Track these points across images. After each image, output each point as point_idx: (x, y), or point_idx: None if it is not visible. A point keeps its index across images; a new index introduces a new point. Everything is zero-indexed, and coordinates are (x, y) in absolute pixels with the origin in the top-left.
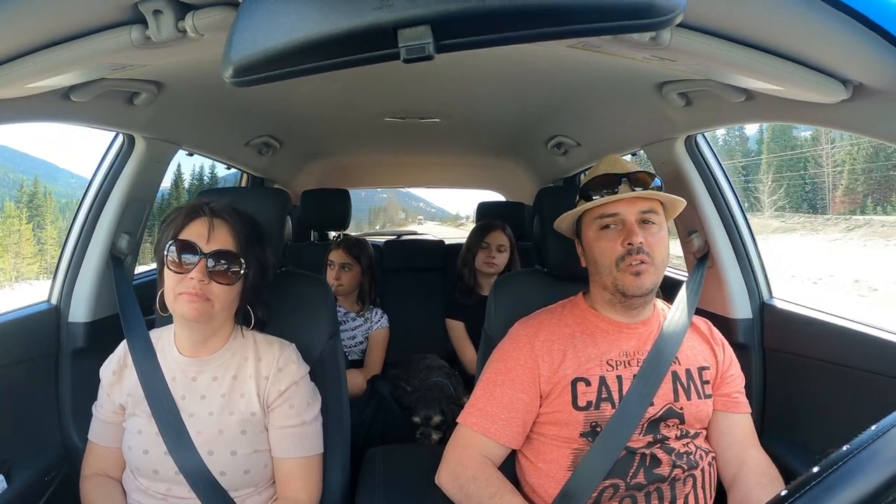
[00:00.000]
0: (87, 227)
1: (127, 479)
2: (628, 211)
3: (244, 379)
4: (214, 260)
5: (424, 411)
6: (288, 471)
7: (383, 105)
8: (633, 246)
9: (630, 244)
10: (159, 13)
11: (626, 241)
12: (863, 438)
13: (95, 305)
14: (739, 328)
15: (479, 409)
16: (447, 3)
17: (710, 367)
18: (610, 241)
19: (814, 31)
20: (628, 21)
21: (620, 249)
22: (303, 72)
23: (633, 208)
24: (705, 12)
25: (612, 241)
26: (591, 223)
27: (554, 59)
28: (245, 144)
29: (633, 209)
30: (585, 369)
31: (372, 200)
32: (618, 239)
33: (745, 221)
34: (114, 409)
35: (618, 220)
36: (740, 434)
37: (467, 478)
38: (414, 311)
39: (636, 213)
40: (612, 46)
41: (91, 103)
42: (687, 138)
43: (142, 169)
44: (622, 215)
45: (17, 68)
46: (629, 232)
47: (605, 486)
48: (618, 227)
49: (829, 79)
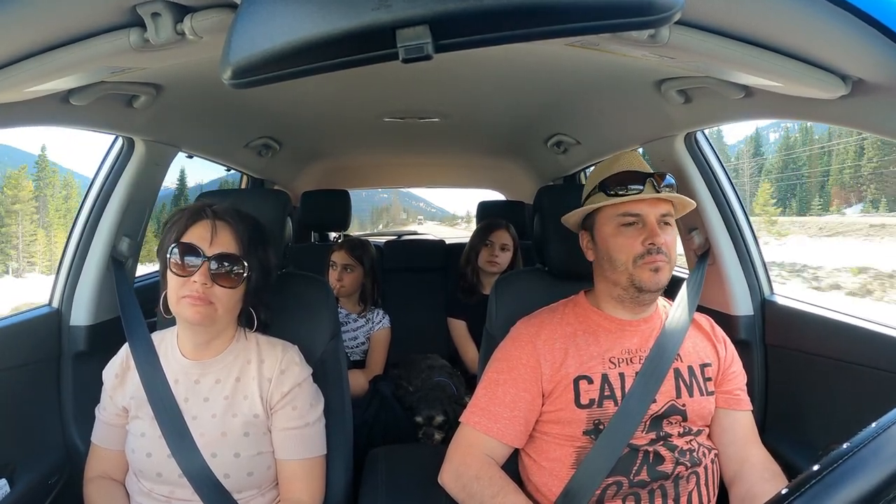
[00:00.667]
0: (87, 230)
1: (130, 481)
2: (651, 211)
3: (247, 381)
4: (217, 263)
5: (427, 411)
6: (291, 472)
7: (383, 105)
8: (654, 246)
9: (652, 244)
10: (157, 16)
11: (648, 241)
12: (864, 435)
13: (96, 309)
14: (741, 325)
15: (482, 408)
16: (446, 3)
17: (712, 364)
18: (630, 238)
19: (813, 27)
20: (627, 19)
21: (640, 248)
22: (302, 73)
23: (656, 209)
24: (704, 9)
25: (633, 239)
26: (611, 219)
27: (552, 58)
28: (245, 146)
29: (656, 210)
30: (588, 367)
31: (374, 201)
32: (638, 237)
33: (745, 218)
34: (116, 411)
35: (640, 219)
36: (742, 431)
37: (470, 477)
38: (415, 311)
39: (658, 213)
40: (610, 44)
41: (90, 107)
42: (687, 135)
43: (142, 171)
44: (645, 215)
45: (16, 72)
46: (651, 233)
47: (609, 483)
48: (639, 225)
49: (829, 74)
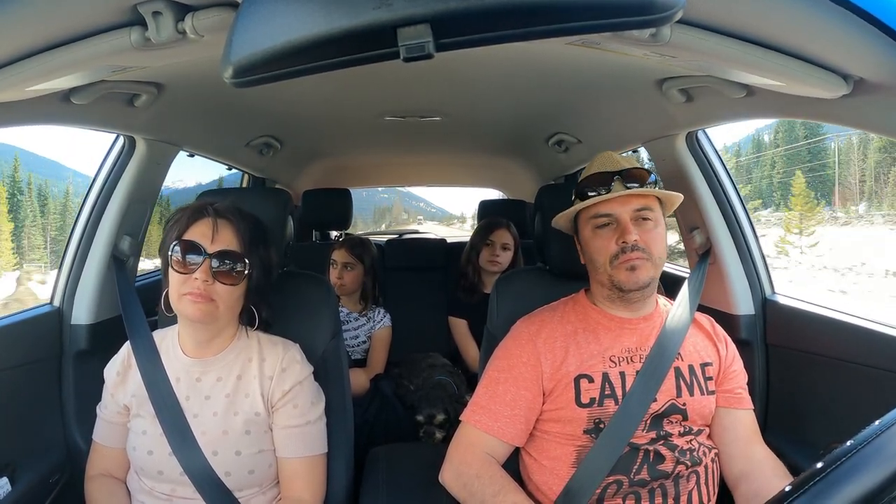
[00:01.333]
0: (88, 229)
1: (131, 479)
2: (622, 209)
3: (248, 379)
4: (219, 260)
5: (428, 410)
6: (292, 470)
7: (384, 104)
8: (626, 244)
9: (624, 242)
10: (159, 14)
11: (621, 240)
12: (866, 434)
13: (98, 307)
14: (742, 324)
15: (482, 406)
16: (447, 2)
17: (712, 364)
18: (605, 239)
19: (814, 27)
20: (628, 18)
21: (614, 248)
22: (303, 72)
23: (627, 206)
24: (705, 8)
25: (607, 240)
26: (587, 222)
27: (554, 57)
28: (246, 145)
29: (627, 207)
30: (588, 366)
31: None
32: (612, 237)
33: (746, 217)
34: (118, 409)
35: (612, 219)
36: (744, 430)
37: (471, 476)
38: (416, 309)
39: (630, 211)
40: (612, 43)
41: (91, 105)
42: (688, 135)
43: (143, 170)
44: (617, 214)
45: (17, 71)
46: (623, 231)
47: (609, 482)
48: (613, 225)
49: (830, 74)
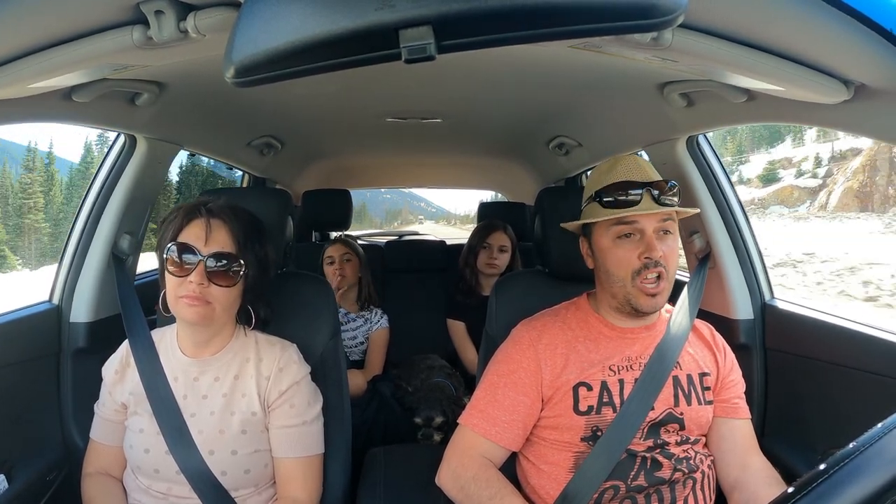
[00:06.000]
0: (88, 227)
1: (128, 477)
2: (648, 222)
3: (245, 379)
4: (213, 262)
5: (426, 412)
6: (288, 470)
7: (385, 105)
8: (650, 260)
9: (648, 258)
10: (161, 13)
11: (645, 255)
12: (869, 436)
13: (97, 305)
14: (741, 329)
15: (481, 410)
16: (449, 4)
17: (710, 374)
18: (627, 251)
19: (815, 32)
20: (630, 21)
21: (637, 263)
22: (304, 72)
23: (653, 219)
24: (707, 12)
25: (629, 252)
26: (607, 230)
27: (555, 60)
28: (247, 145)
29: (653, 220)
30: (588, 374)
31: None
32: (635, 250)
33: (745, 221)
34: (115, 407)
35: (636, 230)
36: (741, 439)
37: (468, 478)
38: (415, 311)
39: (655, 223)
40: (613, 47)
41: (93, 104)
42: (688, 139)
43: (143, 169)
44: (641, 226)
45: (19, 69)
46: (649, 246)
47: (606, 487)
48: (636, 236)
49: (831, 79)
